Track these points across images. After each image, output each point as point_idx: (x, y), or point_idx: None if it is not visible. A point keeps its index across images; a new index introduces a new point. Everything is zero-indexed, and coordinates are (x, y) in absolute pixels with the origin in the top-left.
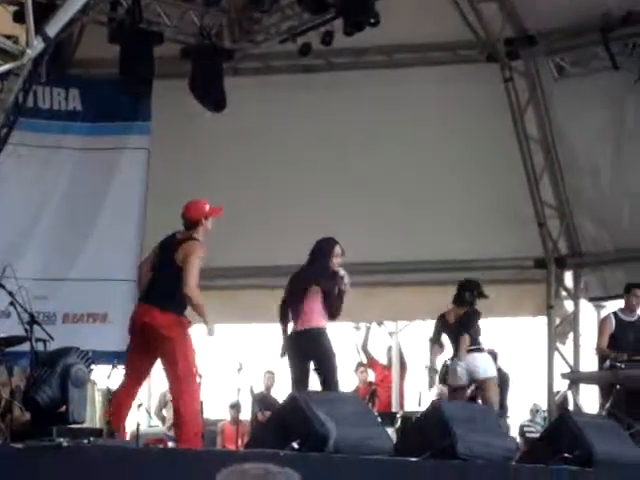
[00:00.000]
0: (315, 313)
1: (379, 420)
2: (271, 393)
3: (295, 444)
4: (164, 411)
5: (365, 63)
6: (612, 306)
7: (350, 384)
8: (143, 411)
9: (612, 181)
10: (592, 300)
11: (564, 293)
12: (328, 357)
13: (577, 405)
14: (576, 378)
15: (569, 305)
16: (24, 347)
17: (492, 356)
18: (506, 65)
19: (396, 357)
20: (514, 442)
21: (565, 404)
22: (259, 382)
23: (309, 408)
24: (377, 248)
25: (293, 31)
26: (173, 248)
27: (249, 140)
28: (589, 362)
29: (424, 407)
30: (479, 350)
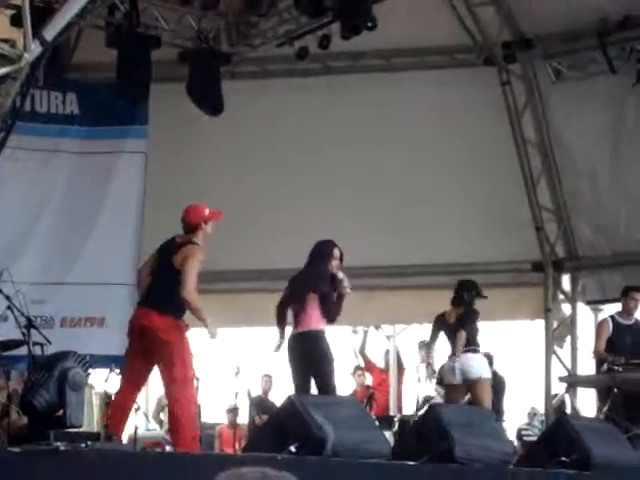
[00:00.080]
0: (314, 316)
1: (377, 424)
2: (269, 397)
3: (293, 448)
4: (162, 415)
5: (362, 67)
6: (609, 309)
7: (348, 387)
8: (141, 415)
9: (609, 185)
10: (589, 303)
11: (562, 296)
12: (326, 360)
13: (575, 408)
14: (574, 381)
15: (567, 308)
16: (22, 351)
17: (488, 359)
18: (503, 69)
19: (394, 361)
20: (512, 446)
21: (563, 407)
22: (257, 386)
23: (307, 412)
24: (375, 252)
25: (290, 35)
26: (172, 252)
27: (246, 143)
28: (587, 365)
29: (422, 409)
30: (475, 351)
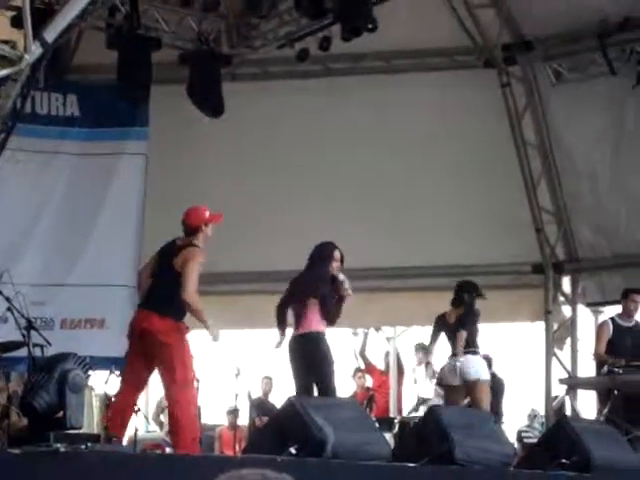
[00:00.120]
0: (314, 318)
1: (377, 425)
2: (269, 398)
3: (293, 449)
4: (162, 416)
5: (363, 69)
6: (610, 311)
7: (348, 389)
8: (141, 416)
9: (610, 186)
10: (590, 305)
11: (562, 298)
12: (326, 362)
13: (575, 410)
14: (574, 383)
15: (567, 310)
16: (22, 352)
17: (487, 361)
18: (503, 71)
19: (394, 362)
20: (512, 447)
21: (563, 409)
22: (257, 387)
23: (307, 413)
24: (375, 253)
25: (291, 37)
26: (173, 254)
27: (247, 145)
28: (587, 367)
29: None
30: (474, 352)
